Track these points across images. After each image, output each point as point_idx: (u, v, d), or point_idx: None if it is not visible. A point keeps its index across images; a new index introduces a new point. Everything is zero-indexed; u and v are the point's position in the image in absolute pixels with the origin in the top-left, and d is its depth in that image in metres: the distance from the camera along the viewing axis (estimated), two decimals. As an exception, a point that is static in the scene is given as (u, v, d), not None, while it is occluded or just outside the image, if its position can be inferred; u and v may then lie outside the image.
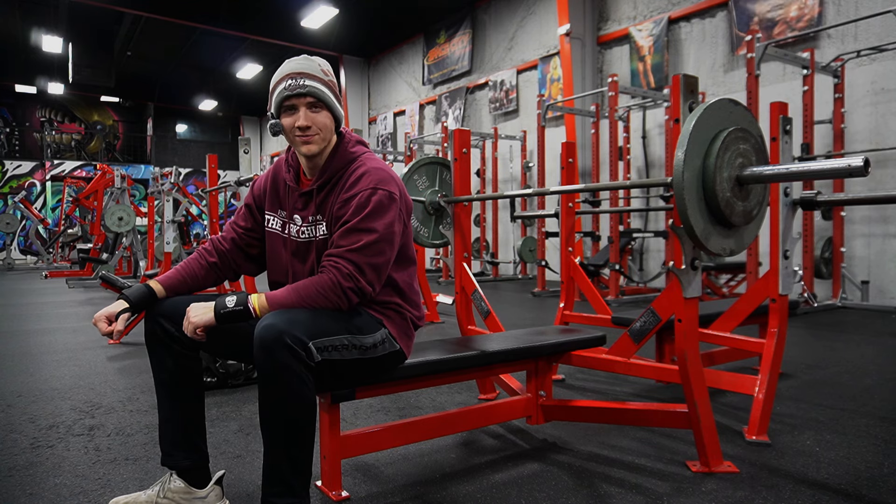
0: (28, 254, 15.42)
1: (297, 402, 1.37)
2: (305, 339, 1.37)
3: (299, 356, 1.35)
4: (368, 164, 1.59)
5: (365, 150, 1.65)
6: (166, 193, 6.27)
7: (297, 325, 1.37)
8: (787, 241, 2.15)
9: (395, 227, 1.55)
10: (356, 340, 1.49)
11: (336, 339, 1.45)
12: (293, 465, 1.40)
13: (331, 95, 1.57)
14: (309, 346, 1.37)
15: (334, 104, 1.58)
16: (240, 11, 11.35)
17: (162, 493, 1.55)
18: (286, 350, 1.33)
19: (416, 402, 2.62)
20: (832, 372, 3.08)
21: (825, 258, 5.56)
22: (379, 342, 1.56)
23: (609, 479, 1.79)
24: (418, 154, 10.34)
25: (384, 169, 1.59)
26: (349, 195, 1.53)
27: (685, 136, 1.63)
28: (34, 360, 3.60)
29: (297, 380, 1.36)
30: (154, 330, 1.55)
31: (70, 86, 15.72)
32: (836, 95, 5.64)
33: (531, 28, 9.68)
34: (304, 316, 1.41)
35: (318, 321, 1.43)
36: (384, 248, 1.52)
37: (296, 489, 1.40)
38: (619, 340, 2.33)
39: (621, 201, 6.68)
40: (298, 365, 1.36)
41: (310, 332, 1.39)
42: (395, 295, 1.64)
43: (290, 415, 1.37)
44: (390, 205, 1.53)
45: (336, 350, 1.45)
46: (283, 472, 1.39)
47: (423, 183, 2.73)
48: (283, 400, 1.36)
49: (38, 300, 6.84)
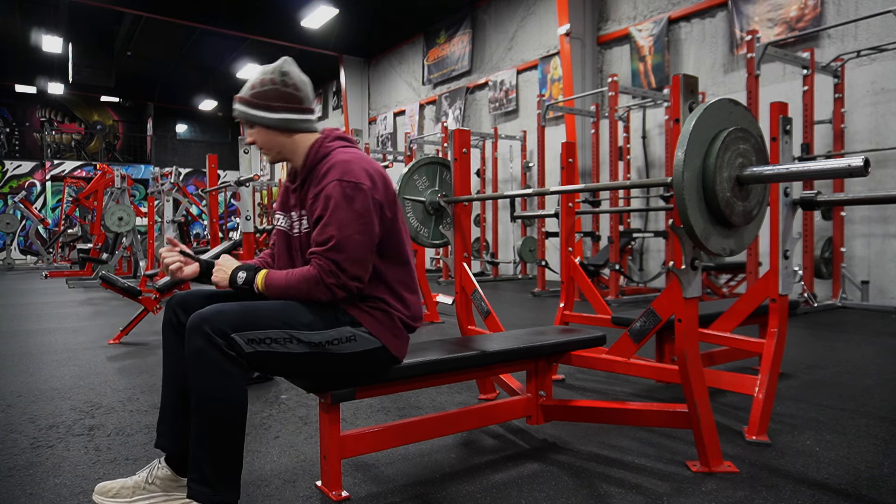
0: (28, 254, 15.42)
1: (215, 392, 1.40)
2: (227, 330, 1.40)
3: (217, 345, 1.39)
4: (338, 156, 1.60)
5: (341, 145, 1.66)
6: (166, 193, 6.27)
7: (222, 316, 1.41)
8: (787, 241, 2.15)
9: (369, 216, 1.55)
10: (299, 335, 1.49)
11: (271, 332, 1.45)
12: (210, 456, 1.42)
13: (255, 112, 1.61)
14: (231, 336, 1.40)
15: (260, 118, 1.61)
16: (240, 11, 11.35)
17: (149, 479, 1.60)
18: (202, 338, 1.38)
19: (416, 402, 2.62)
20: (832, 372, 3.08)
21: (825, 258, 5.56)
22: (336, 339, 1.54)
23: (609, 479, 1.79)
24: (418, 154, 10.34)
25: (353, 161, 1.58)
26: (318, 189, 1.57)
27: (685, 136, 1.63)
28: (34, 360, 3.60)
29: (215, 369, 1.40)
30: (170, 318, 1.62)
31: (70, 86, 15.73)
32: (836, 95, 5.64)
33: (531, 28, 9.68)
34: (235, 308, 1.46)
35: (252, 315, 1.46)
36: (359, 240, 1.53)
37: (209, 479, 1.41)
38: (619, 340, 2.33)
39: (621, 201, 6.68)
40: (215, 353, 1.39)
41: (235, 323, 1.42)
42: (384, 292, 1.64)
43: (207, 404, 1.41)
44: (356, 195, 1.53)
45: (276, 342, 1.46)
46: (200, 460, 1.42)
47: (423, 183, 2.73)
48: (201, 387, 1.41)
49: (38, 300, 6.84)
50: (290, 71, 1.64)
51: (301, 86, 1.65)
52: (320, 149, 1.64)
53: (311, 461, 1.95)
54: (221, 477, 1.43)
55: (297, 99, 1.64)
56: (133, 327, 4.20)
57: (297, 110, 1.64)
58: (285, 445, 2.10)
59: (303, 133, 1.66)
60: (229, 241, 4.07)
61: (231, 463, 1.45)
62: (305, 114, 1.66)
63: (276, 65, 1.65)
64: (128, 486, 1.59)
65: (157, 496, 1.59)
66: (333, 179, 1.54)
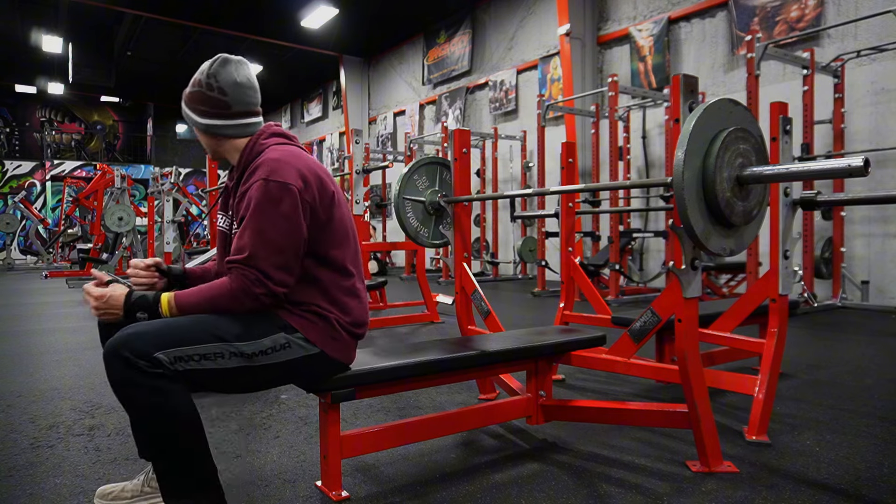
0: (28, 254, 15.41)
1: (153, 416, 1.32)
2: (149, 350, 1.31)
3: (139, 367, 1.29)
4: (268, 154, 1.51)
5: (276, 142, 1.57)
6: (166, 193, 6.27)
7: (142, 337, 1.32)
8: (787, 241, 2.15)
9: (296, 219, 1.45)
10: (232, 347, 1.40)
11: (202, 347, 1.37)
12: (174, 470, 1.37)
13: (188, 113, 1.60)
14: (155, 356, 1.31)
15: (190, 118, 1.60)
16: (240, 11, 11.35)
17: (146, 482, 1.59)
18: (121, 362, 1.29)
19: (416, 402, 2.62)
20: (832, 372, 3.08)
21: (825, 258, 5.56)
22: (270, 348, 1.45)
23: (609, 479, 1.79)
24: (418, 154, 10.34)
25: (282, 159, 1.49)
26: (244, 189, 1.49)
27: (685, 136, 1.63)
28: (34, 360, 3.60)
29: (144, 392, 1.30)
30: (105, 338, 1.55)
31: (70, 86, 15.73)
32: (836, 95, 5.64)
33: (531, 28, 9.68)
34: (158, 326, 1.37)
35: (177, 330, 1.37)
36: (281, 244, 1.44)
37: (184, 490, 1.37)
38: (619, 340, 2.33)
39: (621, 201, 6.68)
40: (140, 376, 1.29)
41: (160, 342, 1.32)
42: (318, 296, 1.54)
43: (150, 429, 1.35)
44: (282, 196, 1.44)
45: (206, 359, 1.37)
46: (166, 474, 1.37)
47: (423, 183, 2.73)
48: (137, 415, 1.34)
49: (38, 300, 6.84)
50: (219, 73, 1.54)
51: (230, 89, 1.54)
52: (254, 147, 1.57)
53: (311, 461, 1.95)
54: (195, 481, 1.38)
55: (223, 104, 1.55)
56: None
57: (224, 115, 1.56)
58: (285, 445, 2.10)
59: (233, 139, 1.59)
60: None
61: (198, 469, 1.39)
62: (234, 118, 1.57)
63: (209, 64, 1.55)
64: (127, 489, 1.59)
65: (156, 498, 1.58)
66: (259, 179, 1.45)
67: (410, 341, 4.15)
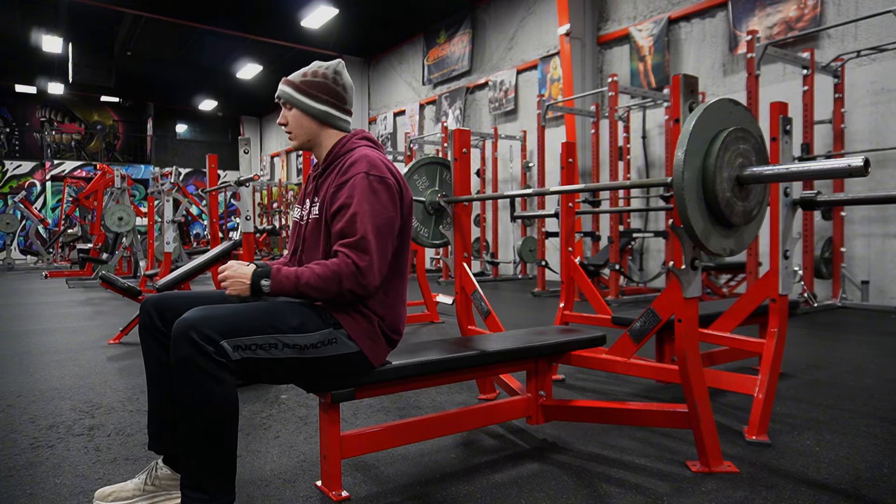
0: (28, 254, 15.40)
1: (204, 398, 1.36)
2: (216, 337, 1.37)
3: (206, 352, 1.35)
4: (363, 152, 1.65)
5: (366, 144, 1.73)
6: (166, 193, 6.27)
7: (210, 322, 1.38)
8: (787, 241, 2.15)
9: (393, 212, 1.59)
10: (286, 339, 1.46)
11: (258, 338, 1.42)
12: (201, 462, 1.39)
13: (300, 97, 1.68)
14: (220, 343, 1.37)
15: (302, 102, 1.68)
16: (240, 11, 11.34)
17: (149, 481, 1.59)
18: (190, 344, 1.34)
19: (416, 402, 2.62)
20: (832, 372, 3.08)
21: (825, 258, 5.56)
22: (319, 342, 1.51)
23: (609, 479, 1.79)
24: (418, 154, 10.34)
25: (378, 158, 1.64)
26: (342, 180, 1.59)
27: (685, 136, 1.63)
28: (34, 360, 3.60)
29: (204, 376, 1.35)
30: (146, 322, 1.60)
31: (70, 86, 15.72)
32: (836, 95, 5.64)
33: (531, 28, 9.68)
34: (223, 312, 1.42)
35: (241, 319, 1.43)
36: (384, 232, 1.56)
37: (203, 485, 1.39)
38: (619, 340, 2.32)
39: (621, 201, 6.68)
40: (204, 360, 1.35)
41: (224, 329, 1.38)
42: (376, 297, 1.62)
43: (197, 411, 1.37)
44: (384, 188, 1.58)
45: (262, 349, 1.43)
46: (193, 467, 1.40)
47: (423, 183, 2.73)
48: (190, 395, 1.37)
49: (38, 300, 6.84)
50: (342, 73, 1.75)
51: (349, 88, 1.75)
52: (347, 143, 1.72)
53: (311, 461, 1.95)
54: (216, 481, 1.40)
55: (343, 98, 1.74)
56: (133, 327, 4.20)
57: (340, 108, 1.74)
58: (285, 445, 2.10)
59: (335, 129, 1.74)
60: (229, 241, 4.06)
61: (226, 466, 1.42)
62: (345, 114, 1.76)
63: (332, 63, 1.75)
64: (127, 488, 1.58)
65: (161, 495, 1.59)
66: (361, 172, 1.57)
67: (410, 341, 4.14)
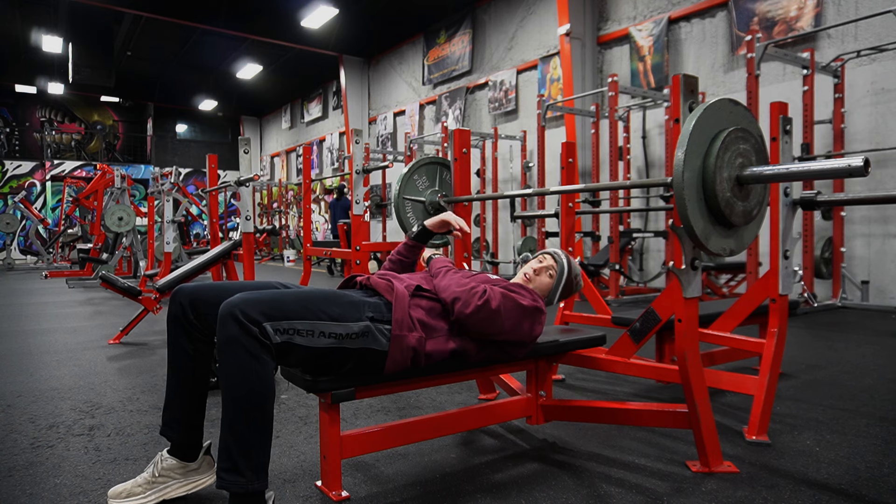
0: (28, 254, 15.41)
1: (247, 377, 1.39)
2: (260, 319, 1.41)
3: (251, 332, 1.39)
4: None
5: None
6: (166, 193, 6.27)
7: (254, 304, 1.43)
8: (787, 241, 2.15)
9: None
10: (325, 326, 1.49)
11: (297, 322, 1.46)
12: (239, 443, 1.40)
13: None
14: (264, 325, 1.41)
15: None
16: (240, 11, 11.34)
17: (156, 473, 1.61)
18: (236, 324, 1.39)
19: (416, 402, 2.62)
20: (832, 372, 3.08)
21: (825, 258, 5.56)
22: (356, 333, 1.53)
23: (609, 479, 1.79)
24: (418, 154, 10.34)
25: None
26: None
27: (685, 136, 1.63)
28: (34, 360, 3.60)
29: (247, 354, 1.39)
30: (176, 312, 1.62)
31: (70, 86, 15.69)
32: (836, 95, 5.64)
33: (531, 28, 9.67)
34: (265, 296, 1.47)
35: (284, 304, 1.47)
36: (511, 307, 1.74)
37: (241, 469, 1.40)
38: (619, 340, 2.33)
39: (621, 201, 6.68)
40: (249, 340, 1.39)
41: (267, 311, 1.43)
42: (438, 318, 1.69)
43: (240, 390, 1.40)
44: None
45: (299, 334, 1.46)
46: (231, 449, 1.40)
47: (423, 183, 2.73)
48: (235, 375, 1.40)
49: (38, 300, 6.84)
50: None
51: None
52: None
53: (311, 461, 1.95)
54: (252, 465, 1.41)
55: None
56: (133, 327, 4.20)
57: None
58: (285, 445, 2.10)
59: None
60: (229, 241, 4.06)
61: (262, 451, 1.43)
62: None
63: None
64: (139, 482, 1.60)
65: (171, 483, 1.61)
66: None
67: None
